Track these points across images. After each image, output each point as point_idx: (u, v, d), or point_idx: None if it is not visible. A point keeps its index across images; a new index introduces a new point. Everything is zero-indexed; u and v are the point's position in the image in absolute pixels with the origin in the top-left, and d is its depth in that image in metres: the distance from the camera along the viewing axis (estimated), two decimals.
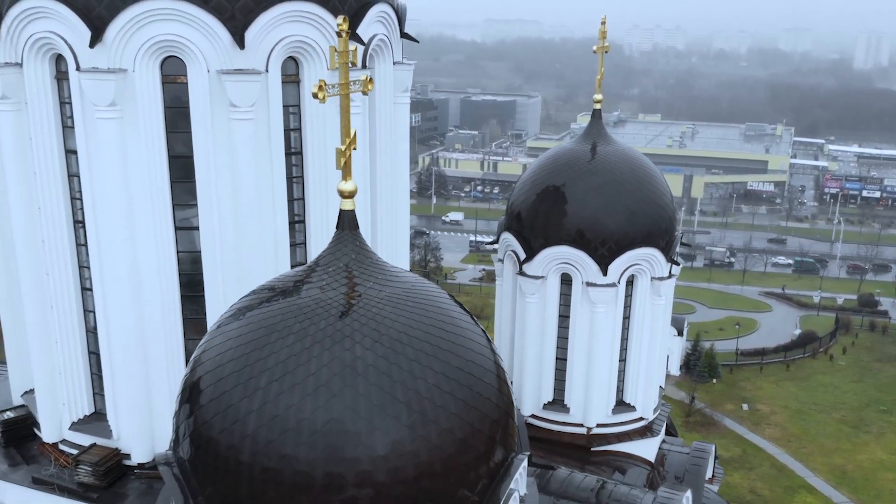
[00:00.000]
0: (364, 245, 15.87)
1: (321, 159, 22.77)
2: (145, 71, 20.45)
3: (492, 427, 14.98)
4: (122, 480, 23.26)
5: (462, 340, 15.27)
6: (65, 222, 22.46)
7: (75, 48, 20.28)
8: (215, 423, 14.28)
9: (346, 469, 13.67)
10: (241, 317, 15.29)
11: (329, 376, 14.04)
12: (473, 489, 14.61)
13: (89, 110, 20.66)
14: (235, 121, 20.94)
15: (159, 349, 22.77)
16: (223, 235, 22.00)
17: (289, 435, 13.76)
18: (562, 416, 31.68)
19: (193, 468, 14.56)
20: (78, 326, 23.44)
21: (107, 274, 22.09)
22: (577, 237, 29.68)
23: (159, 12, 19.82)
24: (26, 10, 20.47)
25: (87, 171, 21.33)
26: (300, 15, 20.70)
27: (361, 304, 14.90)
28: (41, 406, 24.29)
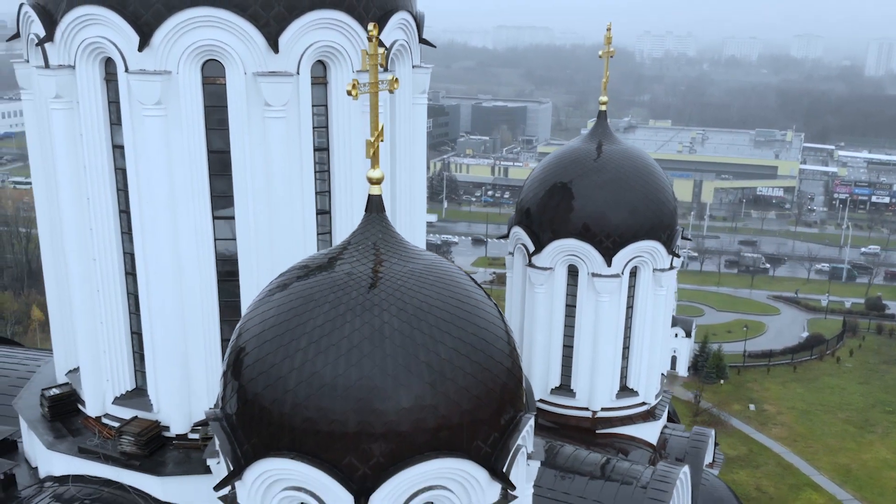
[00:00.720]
0: (390, 226, 17.80)
1: (346, 155, 24.72)
2: (188, 73, 22.46)
3: (502, 387, 16.84)
4: (161, 450, 25.14)
5: (476, 311, 17.15)
6: (111, 212, 24.43)
7: (124, 52, 22.29)
8: (260, 381, 16.20)
9: (375, 419, 15.55)
10: (282, 289, 17.22)
11: (360, 340, 15.94)
12: (486, 441, 16.48)
13: (136, 109, 22.66)
14: (269, 119, 22.92)
15: (197, 329, 24.71)
16: (257, 224, 23.95)
17: (325, 390, 15.66)
18: (568, 401, 33.59)
19: (240, 421, 16.47)
20: (122, 308, 25.38)
21: (150, 260, 24.06)
22: (583, 230, 31.60)
23: (201, 19, 21.81)
24: (80, 17, 22.48)
25: (133, 164, 23.32)
26: (329, 22, 22.67)
27: (387, 277, 16.80)
28: (86, 383, 26.24)
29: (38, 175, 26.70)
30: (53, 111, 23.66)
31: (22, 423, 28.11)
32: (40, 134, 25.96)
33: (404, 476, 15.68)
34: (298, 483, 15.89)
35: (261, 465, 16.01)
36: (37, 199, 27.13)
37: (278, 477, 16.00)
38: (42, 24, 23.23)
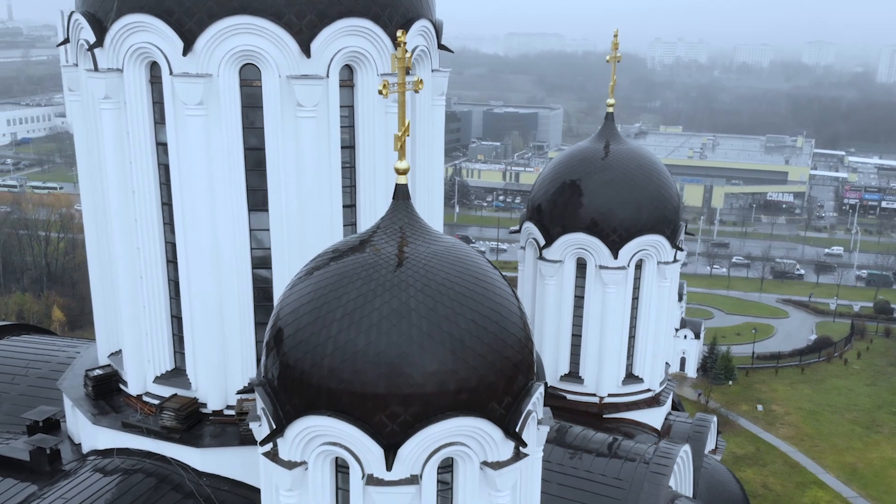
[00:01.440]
0: (414, 212, 19.74)
1: (370, 153, 26.74)
2: (227, 76, 24.54)
3: (515, 356, 18.74)
4: (199, 425, 27.16)
5: (493, 288, 19.07)
6: (155, 204, 26.50)
7: (169, 56, 24.37)
8: (300, 349, 18.14)
9: (402, 382, 17.47)
10: (319, 268, 19.16)
11: (388, 312, 17.85)
12: (501, 403, 18.37)
13: (180, 109, 24.75)
14: (301, 118, 24.98)
15: (233, 313, 26.75)
16: (288, 215, 25.99)
17: (358, 356, 17.59)
18: (577, 387, 35.44)
19: (282, 385, 18.41)
20: (163, 294, 27.43)
21: (190, 248, 26.12)
22: (591, 225, 33.49)
23: (240, 26, 23.88)
24: (128, 25, 24.57)
25: (175, 159, 25.38)
26: (356, 29, 24.71)
27: (413, 257, 18.73)
28: (128, 363, 28.30)
29: (83, 170, 28.82)
30: (103, 111, 25.75)
31: (66, 403, 30.21)
32: (87, 132, 28.08)
33: (428, 432, 17.59)
34: (334, 438, 17.83)
35: (301, 422, 17.96)
36: (82, 194, 29.24)
37: (317, 433, 17.94)
38: (92, 31, 25.34)
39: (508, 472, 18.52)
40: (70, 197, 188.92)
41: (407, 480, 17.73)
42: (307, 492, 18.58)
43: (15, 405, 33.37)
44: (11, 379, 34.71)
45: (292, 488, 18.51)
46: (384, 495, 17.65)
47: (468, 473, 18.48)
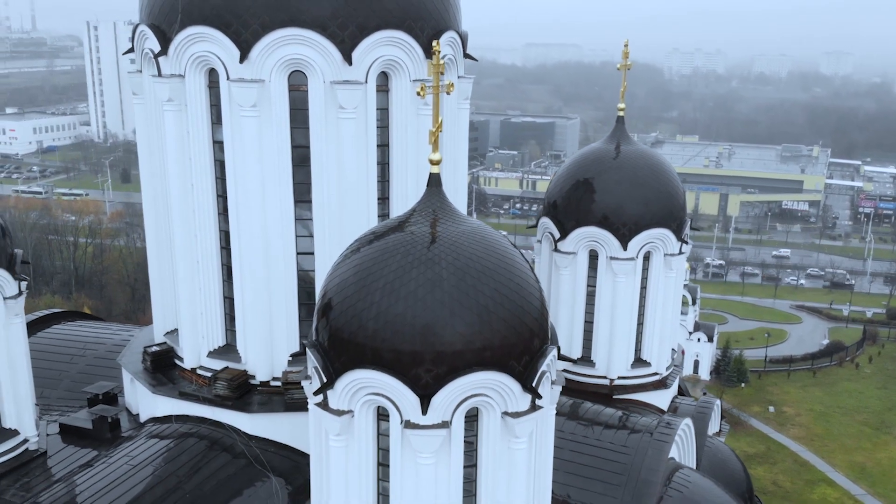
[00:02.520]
0: (445, 198, 22.72)
1: (402, 150, 29.88)
2: (278, 81, 27.74)
3: (532, 322, 21.70)
4: (248, 394, 30.30)
5: (513, 263, 22.04)
6: (211, 196, 29.70)
7: (227, 64, 27.60)
8: (347, 313, 21.15)
9: (435, 341, 20.45)
10: (363, 246, 22.22)
11: (423, 282, 20.81)
12: (519, 361, 21.34)
13: (235, 111, 27.96)
14: (343, 119, 28.14)
15: (279, 294, 29.89)
16: (329, 207, 29.12)
17: (397, 319, 20.59)
18: (588, 370, 38.28)
19: (331, 345, 21.44)
20: (217, 277, 30.62)
21: (243, 236, 29.28)
22: (602, 219, 36.40)
23: (290, 37, 27.07)
24: (190, 35, 27.82)
25: (231, 156, 28.58)
26: (391, 39, 27.86)
27: (444, 236, 21.71)
28: (184, 340, 31.48)
29: (144, 166, 32.09)
30: (166, 112, 29.01)
31: (125, 377, 33.42)
32: (149, 132, 31.35)
33: (457, 384, 20.59)
34: (377, 389, 20.85)
35: (349, 375, 21.01)
36: (143, 188, 32.50)
37: (362, 385, 20.98)
38: (157, 41, 28.61)
39: (526, 421, 21.49)
40: (97, 203, 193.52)
41: (439, 425, 20.71)
42: (353, 436, 21.60)
43: (74, 382, 36.63)
44: (70, 359, 37.99)
45: (340, 433, 21.54)
46: (420, 437, 20.65)
47: (491, 422, 21.46)
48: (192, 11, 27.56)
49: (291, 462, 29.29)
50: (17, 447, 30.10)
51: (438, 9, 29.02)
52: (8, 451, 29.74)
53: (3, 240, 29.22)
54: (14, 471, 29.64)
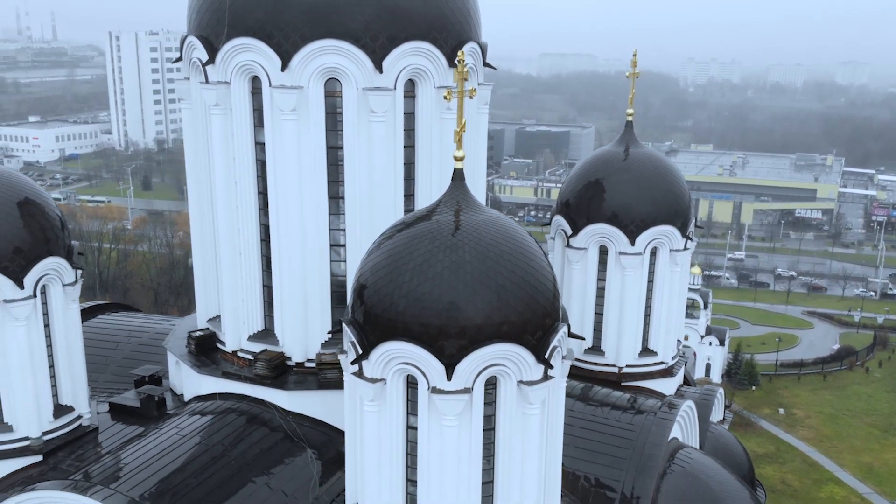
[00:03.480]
0: (468, 190, 25.34)
1: (427, 151, 32.62)
2: (315, 87, 30.57)
3: (545, 301, 24.31)
4: (284, 374, 33.05)
5: (528, 249, 24.67)
6: (252, 193, 32.52)
7: (269, 72, 30.45)
8: (381, 293, 23.81)
9: (459, 316, 23.08)
10: (395, 232, 24.93)
11: (448, 265, 23.44)
12: (533, 336, 23.96)
13: (277, 114, 30.79)
14: (373, 123, 30.92)
15: (314, 283, 32.66)
16: (360, 202, 31.89)
17: (425, 296, 23.26)
18: (599, 359, 40.84)
19: (366, 321, 24.12)
20: (257, 267, 33.42)
21: (282, 229, 32.08)
22: (612, 217, 39.01)
23: (327, 48, 29.91)
24: (236, 46, 30.69)
25: (271, 156, 31.42)
26: (418, 50, 30.66)
27: (466, 224, 24.35)
28: (226, 325, 34.30)
29: (190, 166, 34.98)
30: (213, 116, 31.90)
31: (170, 360, 36.26)
32: (195, 134, 34.23)
33: (478, 354, 23.24)
34: (407, 359, 23.53)
35: (383, 346, 23.71)
36: (189, 186, 35.40)
37: (394, 355, 23.65)
38: (205, 51, 31.50)
39: (539, 389, 24.12)
40: (121, 209, 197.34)
41: (462, 391, 23.37)
42: (385, 402, 24.27)
43: (120, 367, 39.53)
44: (116, 346, 40.90)
45: (374, 399, 24.22)
46: (445, 401, 23.31)
47: (508, 389, 24.09)
48: (237, 24, 30.45)
49: (324, 436, 32.01)
50: (73, 422, 32.96)
51: (461, 21, 31.82)
52: (64, 426, 32.60)
53: (61, 232, 32.18)
54: (69, 444, 32.52)
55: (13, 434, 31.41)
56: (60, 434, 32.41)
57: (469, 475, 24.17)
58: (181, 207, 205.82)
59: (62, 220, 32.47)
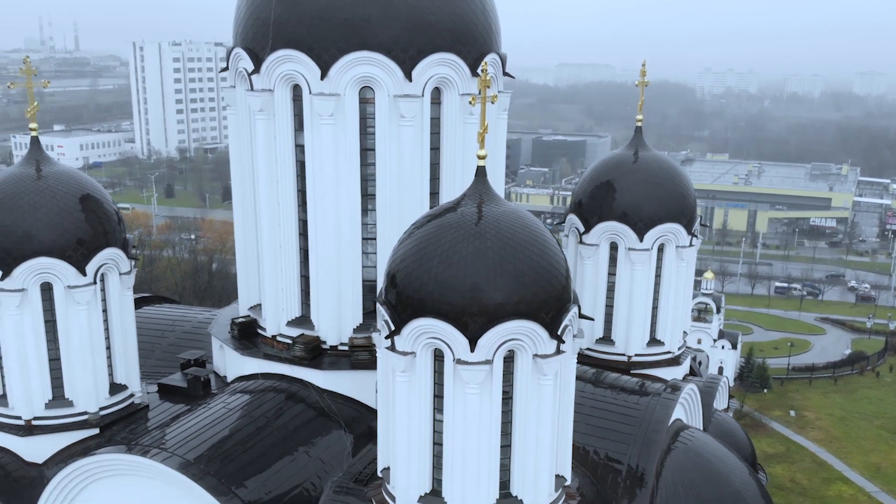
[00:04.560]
0: (489, 185, 28.30)
1: (450, 153, 35.73)
2: (350, 95, 33.76)
3: (558, 284, 27.27)
4: (320, 356, 36.16)
5: (543, 238, 27.64)
6: (292, 190, 35.71)
7: (309, 80, 33.66)
8: (412, 275, 26.84)
9: (481, 296, 26.03)
10: (424, 223, 27.98)
11: (471, 251, 26.41)
12: (547, 314, 26.93)
13: (316, 119, 33.99)
14: (403, 127, 34.07)
15: (347, 273, 35.79)
16: (390, 200, 35.01)
17: (451, 279, 26.23)
18: (609, 348, 43.72)
19: (398, 301, 27.15)
20: (296, 259, 36.58)
21: (318, 224, 35.24)
22: (622, 215, 41.92)
23: (362, 59, 33.10)
24: (279, 57, 33.92)
25: (310, 157, 34.63)
26: (444, 60, 33.82)
27: (487, 216, 27.34)
28: (266, 312, 37.47)
29: (235, 167, 38.20)
30: (257, 121, 35.13)
31: (214, 344, 39.44)
32: (239, 138, 37.47)
33: (497, 329, 26.24)
34: (435, 334, 26.55)
35: (413, 323, 26.74)
36: (233, 186, 38.61)
37: (423, 331, 26.68)
38: (251, 61, 34.76)
39: (552, 362, 27.11)
40: (146, 216, 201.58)
41: (483, 362, 26.35)
42: (414, 373, 27.28)
43: (166, 352, 42.80)
44: (161, 334, 44.19)
45: (405, 370, 27.25)
46: (468, 371, 26.31)
47: (524, 361, 27.07)
48: (280, 37, 33.70)
49: (356, 411, 35.09)
50: (126, 399, 36.25)
51: (483, 35, 34.99)
52: (119, 403, 35.89)
53: (118, 226, 35.50)
54: (123, 419, 35.81)
55: (73, 409, 34.70)
56: (115, 410, 35.69)
57: (489, 439, 27.14)
58: (203, 214, 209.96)
59: (118, 214, 35.79)
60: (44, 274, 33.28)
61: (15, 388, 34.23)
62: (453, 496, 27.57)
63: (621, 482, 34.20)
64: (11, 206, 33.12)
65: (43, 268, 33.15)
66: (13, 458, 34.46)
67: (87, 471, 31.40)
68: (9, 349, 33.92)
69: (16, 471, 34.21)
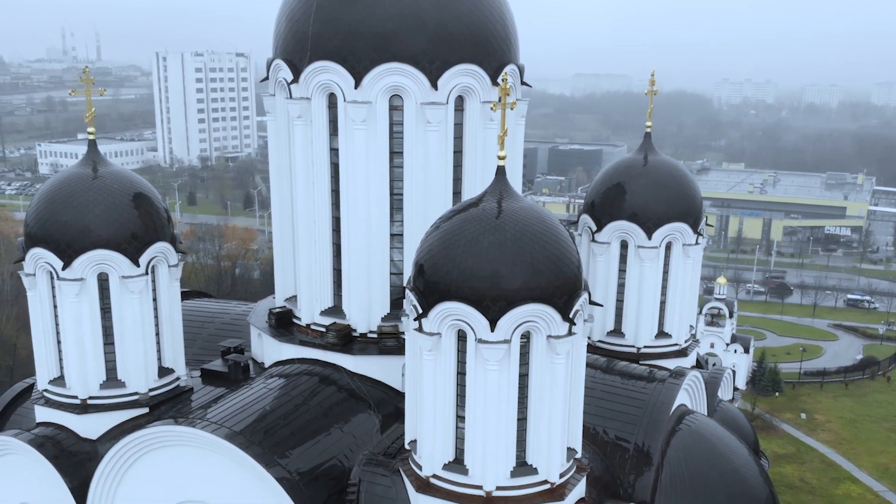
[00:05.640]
0: (509, 183, 31.30)
1: (472, 155, 38.79)
2: (381, 102, 36.90)
3: (570, 272, 30.18)
4: (350, 343, 39.23)
5: (557, 231, 30.60)
6: (327, 190, 38.83)
7: (344, 89, 36.82)
8: (438, 264, 29.86)
9: (500, 282, 29.01)
10: (449, 217, 31.01)
11: (492, 242, 29.39)
12: (560, 299, 29.87)
13: (349, 125, 37.15)
14: (429, 131, 37.15)
15: (377, 267, 38.87)
16: (417, 197, 38.08)
17: (474, 267, 29.14)
18: (619, 340, 46.57)
19: (426, 287, 30.15)
20: (329, 253, 39.69)
21: (351, 221, 38.32)
22: (631, 215, 44.84)
23: (392, 69, 36.22)
24: (317, 68, 37.05)
25: (344, 159, 37.77)
26: (467, 71, 36.92)
27: (507, 210, 30.32)
28: (301, 302, 40.59)
29: (274, 170, 41.36)
30: (295, 126, 38.32)
31: (253, 333, 42.57)
32: (278, 143, 40.64)
33: (515, 312, 29.23)
34: (459, 316, 29.56)
35: (439, 306, 29.76)
36: (272, 186, 41.75)
37: (448, 313, 29.70)
38: (290, 72, 37.97)
39: (564, 342, 30.07)
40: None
41: (502, 341, 29.35)
42: (440, 352, 30.31)
43: (206, 341, 45.94)
44: (201, 325, 47.36)
45: (431, 349, 30.27)
46: (488, 349, 29.30)
47: (539, 341, 30.04)
48: (317, 49, 36.90)
49: (383, 393, 38.12)
50: (173, 382, 39.39)
51: (503, 47, 38.09)
52: (166, 385, 39.04)
53: (167, 222, 38.72)
54: (170, 399, 38.94)
55: (125, 389, 37.88)
56: (163, 391, 38.82)
57: (507, 411, 30.13)
58: (225, 221, 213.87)
59: (167, 212, 39.03)
60: (101, 265, 36.43)
61: (72, 370, 37.39)
62: (474, 464, 30.59)
63: (629, 459, 37.09)
64: (72, 204, 36.35)
65: (100, 259, 36.32)
66: (69, 435, 37.57)
67: (141, 442, 34.47)
68: (67, 334, 37.08)
69: (71, 446, 37.31)
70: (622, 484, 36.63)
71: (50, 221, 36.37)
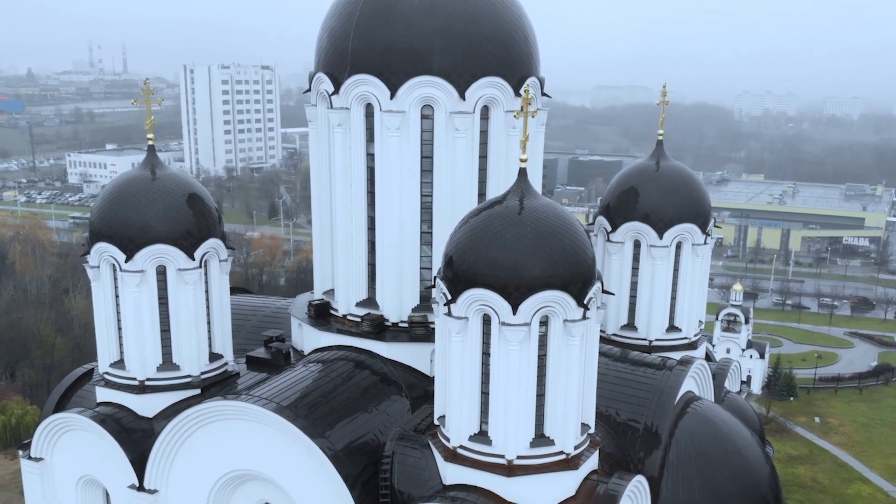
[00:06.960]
0: (529, 183, 34.82)
1: (496, 160, 42.35)
2: (414, 112, 40.58)
3: (585, 263, 33.59)
4: (383, 331, 42.80)
5: (573, 226, 34.09)
6: (363, 192, 42.50)
7: (380, 100, 40.52)
8: (467, 258, 33.46)
9: (522, 272, 32.56)
10: (475, 214, 34.57)
11: (515, 236, 32.89)
12: (576, 287, 33.29)
13: (385, 132, 40.85)
14: (457, 138, 40.78)
15: (408, 262, 42.44)
16: (444, 197, 41.66)
17: (497, 260, 32.80)
18: (632, 334, 49.97)
19: (455, 276, 33.68)
20: (364, 249, 43.32)
21: (384, 220, 41.95)
22: (644, 216, 48.27)
23: (424, 81, 39.72)
24: (356, 80, 40.54)
25: (379, 164, 41.43)
26: (492, 83, 40.54)
27: (528, 208, 33.86)
28: (338, 294, 44.23)
29: (315, 174, 45.07)
30: (335, 134, 42.06)
31: (293, 323, 46.26)
32: (318, 149, 44.37)
33: (535, 298, 32.72)
34: (484, 302, 33.10)
35: (467, 293, 33.30)
36: (313, 189, 45.42)
37: (475, 299, 33.24)
38: (331, 84, 41.74)
39: (579, 326, 33.55)
40: None
41: (523, 324, 32.85)
42: (467, 334, 33.84)
43: (250, 332, 49.63)
44: (245, 318, 51.07)
45: (459, 332, 33.83)
46: (510, 331, 32.78)
47: (556, 325, 33.52)
48: (356, 63, 40.66)
49: (413, 378, 41.64)
50: (222, 366, 43.16)
51: (524, 61, 41.73)
52: (216, 369, 42.81)
53: (218, 221, 42.53)
54: (220, 382, 42.66)
55: (179, 372, 41.69)
56: (213, 374, 42.59)
57: (527, 388, 33.62)
58: (251, 231, 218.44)
59: (218, 211, 42.86)
60: (159, 258, 40.32)
61: (131, 354, 41.24)
62: (497, 435, 34.10)
63: (638, 438, 40.43)
64: (133, 203, 40.29)
65: (159, 253, 40.20)
66: (128, 413, 41.39)
67: (197, 417, 38.14)
68: (128, 321, 40.95)
69: (130, 423, 41.11)
70: (632, 460, 39.96)
71: (114, 219, 40.30)
